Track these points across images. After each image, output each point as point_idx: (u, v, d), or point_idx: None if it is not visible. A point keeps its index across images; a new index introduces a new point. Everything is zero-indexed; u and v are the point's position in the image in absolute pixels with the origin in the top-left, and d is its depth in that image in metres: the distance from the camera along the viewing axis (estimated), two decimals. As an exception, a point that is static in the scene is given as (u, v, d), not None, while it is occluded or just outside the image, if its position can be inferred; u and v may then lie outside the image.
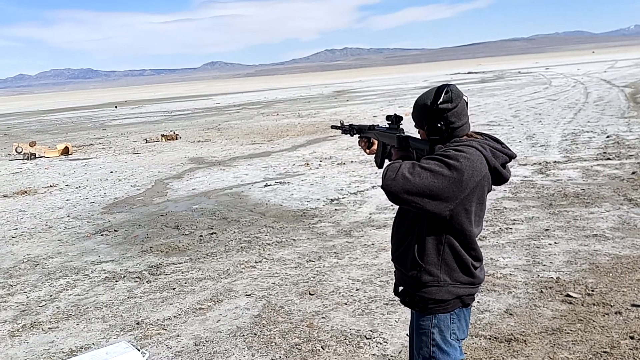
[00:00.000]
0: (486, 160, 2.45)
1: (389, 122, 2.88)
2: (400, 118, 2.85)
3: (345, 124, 3.45)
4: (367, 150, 3.12)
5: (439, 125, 2.50)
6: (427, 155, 2.47)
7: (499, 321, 4.68)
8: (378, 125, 3.07)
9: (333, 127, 3.88)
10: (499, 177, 2.55)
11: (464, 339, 2.68)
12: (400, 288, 2.74)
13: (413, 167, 2.37)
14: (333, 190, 10.36)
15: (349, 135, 3.38)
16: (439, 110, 2.49)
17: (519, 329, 4.52)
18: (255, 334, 4.81)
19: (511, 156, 2.59)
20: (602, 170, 10.01)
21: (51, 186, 13.50)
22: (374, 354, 4.34)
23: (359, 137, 3.20)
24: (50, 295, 6.16)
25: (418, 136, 2.70)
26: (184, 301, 5.67)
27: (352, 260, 6.48)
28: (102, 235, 8.52)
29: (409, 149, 2.71)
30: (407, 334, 4.26)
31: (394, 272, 2.81)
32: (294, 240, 7.44)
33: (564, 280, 5.41)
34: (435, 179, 2.32)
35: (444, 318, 2.58)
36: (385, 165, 2.56)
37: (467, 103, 2.57)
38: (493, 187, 2.61)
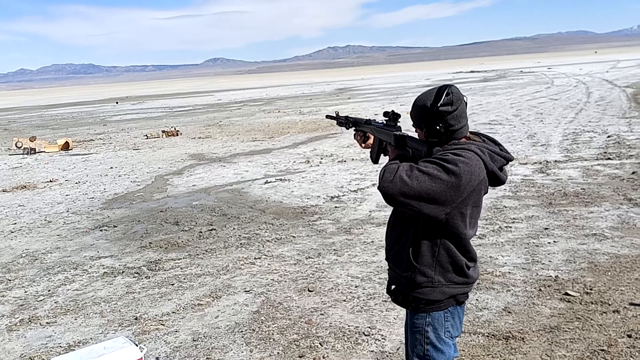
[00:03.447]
0: (484, 165, 2.42)
1: (387, 119, 2.82)
2: (398, 115, 2.78)
3: (340, 115, 3.40)
4: (363, 145, 3.06)
5: (438, 127, 2.45)
6: (426, 158, 2.43)
7: (497, 319, 4.68)
8: (375, 120, 3.02)
9: (328, 116, 3.80)
10: (496, 180, 2.52)
11: (457, 336, 2.67)
12: (393, 287, 2.72)
13: (411, 170, 2.33)
14: (333, 187, 10.36)
15: (344, 127, 3.33)
16: (439, 113, 2.43)
17: (517, 326, 4.52)
18: (253, 330, 4.81)
19: (509, 159, 2.56)
20: (603, 170, 10.00)
21: (51, 181, 13.51)
22: (372, 351, 4.34)
23: (354, 130, 3.15)
24: (49, 290, 6.16)
25: (415, 135, 2.66)
26: (182, 297, 5.67)
27: (351, 258, 6.47)
28: (101, 230, 8.53)
29: (406, 148, 2.66)
30: (405, 331, 4.26)
31: (388, 270, 2.79)
32: (293, 237, 7.43)
33: (563, 278, 5.40)
34: (433, 183, 2.29)
35: (438, 316, 2.56)
36: (382, 167, 2.51)
37: (466, 104, 2.53)
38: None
